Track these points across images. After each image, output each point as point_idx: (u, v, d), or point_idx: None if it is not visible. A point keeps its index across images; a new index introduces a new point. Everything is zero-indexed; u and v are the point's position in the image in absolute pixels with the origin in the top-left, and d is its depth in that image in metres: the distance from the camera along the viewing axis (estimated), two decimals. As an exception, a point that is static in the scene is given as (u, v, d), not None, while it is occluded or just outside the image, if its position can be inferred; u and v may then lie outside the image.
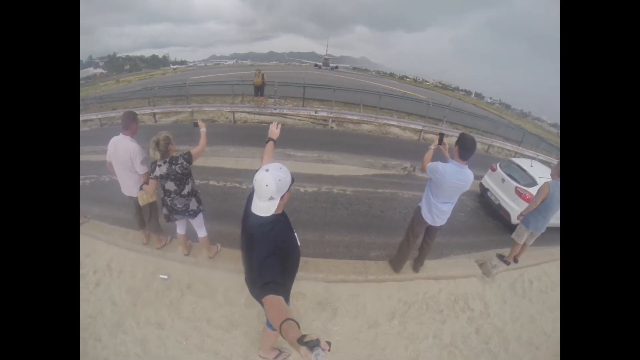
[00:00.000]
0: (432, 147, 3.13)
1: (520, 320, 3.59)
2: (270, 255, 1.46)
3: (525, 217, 3.88)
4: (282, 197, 1.53)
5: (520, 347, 3.23)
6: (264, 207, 1.50)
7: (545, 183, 3.61)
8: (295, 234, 1.86)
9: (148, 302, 3.18)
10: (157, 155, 2.68)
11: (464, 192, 3.02)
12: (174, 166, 2.75)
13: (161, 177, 2.77)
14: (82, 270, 3.49)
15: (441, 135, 3.11)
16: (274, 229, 1.57)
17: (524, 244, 4.18)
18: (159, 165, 2.74)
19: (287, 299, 1.60)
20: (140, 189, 3.06)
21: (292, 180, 1.58)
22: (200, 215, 3.17)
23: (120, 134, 3.03)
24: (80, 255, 3.64)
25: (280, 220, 1.65)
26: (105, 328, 2.92)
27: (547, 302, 3.94)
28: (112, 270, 3.55)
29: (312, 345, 0.95)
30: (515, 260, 4.44)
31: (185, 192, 2.90)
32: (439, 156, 3.06)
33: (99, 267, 3.57)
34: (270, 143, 2.30)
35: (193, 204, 3.01)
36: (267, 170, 1.48)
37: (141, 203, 3.07)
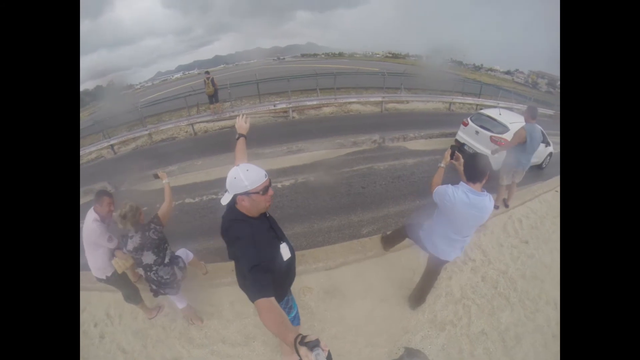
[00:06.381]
0: (443, 164, 2.46)
1: (520, 258, 3.71)
2: (256, 266, 1.45)
3: (506, 158, 4.20)
4: (240, 197, 1.53)
5: (527, 284, 3.34)
6: (225, 196, 1.59)
7: (522, 127, 3.90)
8: (283, 244, 1.75)
9: (158, 340, 3.02)
10: (127, 227, 2.40)
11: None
12: (147, 233, 2.44)
13: (135, 249, 2.43)
14: (83, 327, 3.25)
15: (453, 148, 2.41)
16: (253, 234, 1.56)
17: (512, 185, 4.33)
18: (131, 237, 2.43)
19: (279, 300, 1.75)
20: (113, 256, 2.76)
21: (263, 184, 1.54)
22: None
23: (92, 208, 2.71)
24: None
25: (254, 224, 1.62)
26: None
27: (539, 236, 4.09)
28: (112, 317, 3.33)
29: (312, 345, 0.95)
30: (506, 205, 4.57)
31: (167, 259, 2.57)
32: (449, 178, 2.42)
33: (98, 319, 3.33)
34: (241, 139, 2.17)
35: (179, 273, 2.68)
36: (237, 165, 1.59)
37: (119, 270, 2.74)
